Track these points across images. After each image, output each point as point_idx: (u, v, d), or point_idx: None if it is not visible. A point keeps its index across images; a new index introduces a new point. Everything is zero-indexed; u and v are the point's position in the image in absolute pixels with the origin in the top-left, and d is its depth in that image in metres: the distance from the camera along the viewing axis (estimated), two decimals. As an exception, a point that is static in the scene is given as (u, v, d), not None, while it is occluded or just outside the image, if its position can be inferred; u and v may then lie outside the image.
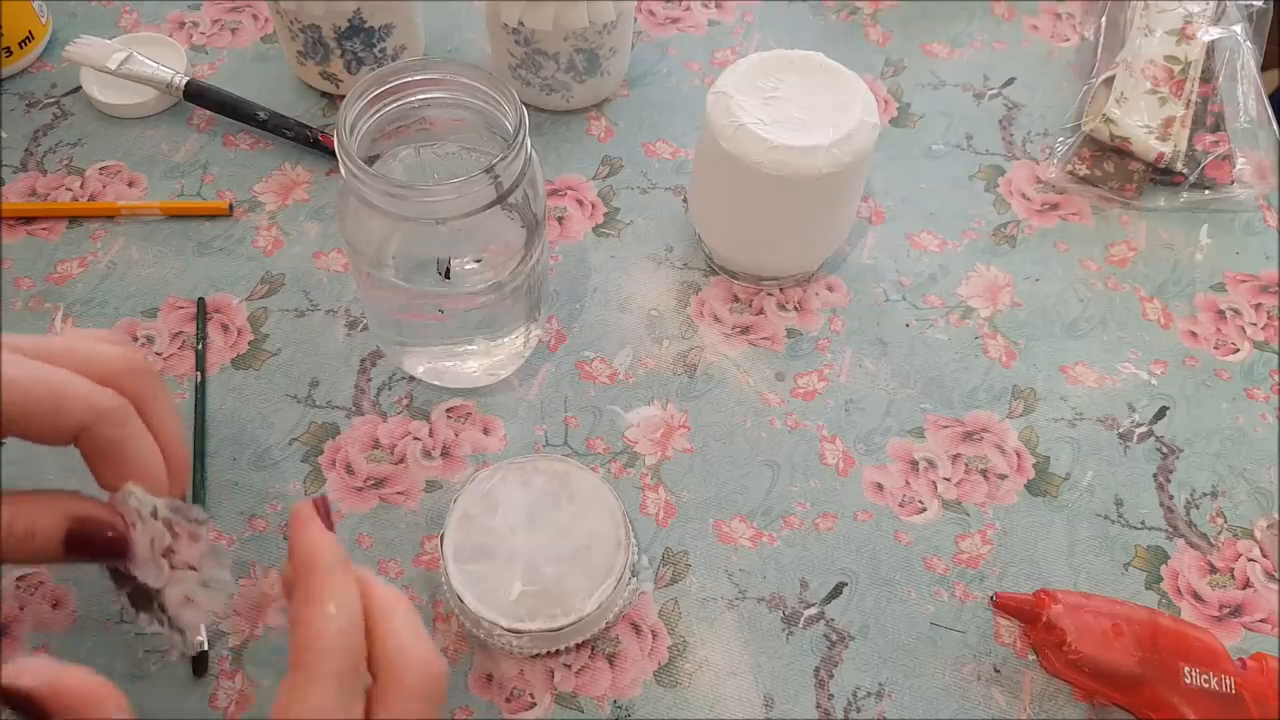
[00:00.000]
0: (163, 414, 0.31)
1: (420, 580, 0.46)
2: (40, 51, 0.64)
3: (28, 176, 0.58)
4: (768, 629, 0.46)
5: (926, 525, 0.49)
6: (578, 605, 0.41)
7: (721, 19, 0.69)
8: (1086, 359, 0.55)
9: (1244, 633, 0.47)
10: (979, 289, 0.57)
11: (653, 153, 0.62)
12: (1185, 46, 0.62)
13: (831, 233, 0.54)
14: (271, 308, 0.54)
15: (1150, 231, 0.60)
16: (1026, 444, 0.52)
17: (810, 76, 0.50)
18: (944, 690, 0.44)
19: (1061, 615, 0.42)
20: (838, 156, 0.47)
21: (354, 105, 0.41)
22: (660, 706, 0.43)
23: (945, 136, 0.64)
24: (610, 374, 0.53)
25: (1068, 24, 0.71)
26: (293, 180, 0.59)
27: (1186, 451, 0.52)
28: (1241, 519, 0.50)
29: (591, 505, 0.44)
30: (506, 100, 0.42)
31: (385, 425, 0.50)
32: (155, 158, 0.60)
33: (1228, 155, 0.60)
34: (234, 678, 0.43)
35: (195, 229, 0.57)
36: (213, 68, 0.64)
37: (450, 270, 0.44)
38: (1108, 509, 0.50)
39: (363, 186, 0.40)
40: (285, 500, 0.48)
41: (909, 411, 0.52)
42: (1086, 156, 0.61)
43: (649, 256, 0.58)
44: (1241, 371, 0.55)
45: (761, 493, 0.49)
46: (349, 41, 0.58)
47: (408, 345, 0.50)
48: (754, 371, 0.53)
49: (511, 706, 0.43)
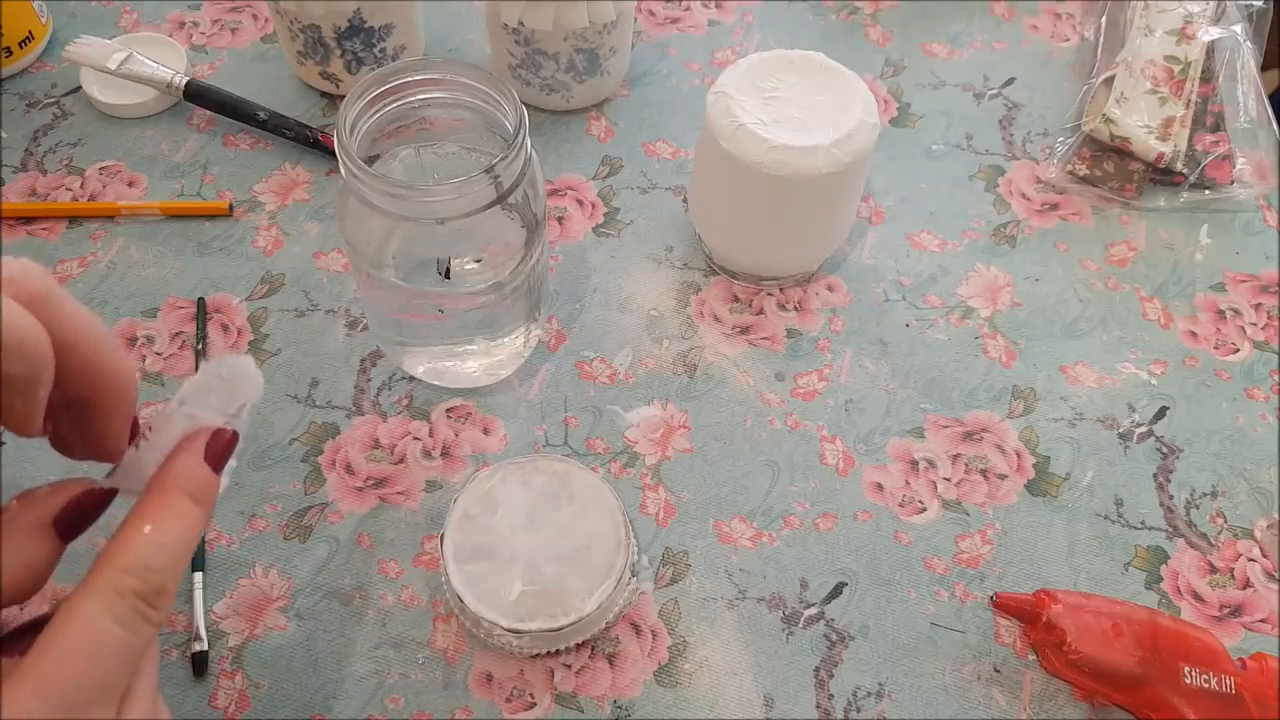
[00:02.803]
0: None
1: (420, 580, 0.46)
2: (40, 51, 0.64)
3: (28, 176, 0.58)
4: (768, 629, 0.46)
5: (926, 525, 0.49)
6: (578, 605, 0.41)
7: (721, 19, 0.69)
8: (1086, 359, 0.55)
9: (1244, 633, 0.47)
10: (979, 289, 0.57)
11: (653, 153, 0.62)
12: (1185, 46, 0.62)
13: (831, 233, 0.54)
14: (271, 308, 0.54)
15: (1150, 231, 0.60)
16: (1026, 444, 0.52)
17: (810, 76, 0.50)
18: (944, 690, 0.44)
19: (1061, 615, 0.42)
20: (838, 156, 0.47)
21: (354, 105, 0.41)
22: (660, 706, 0.43)
23: (945, 136, 0.64)
24: (610, 374, 0.53)
25: (1068, 24, 0.71)
26: (293, 180, 0.59)
27: (1186, 451, 0.52)
28: (1241, 519, 0.50)
29: (591, 505, 0.44)
30: (506, 100, 0.42)
31: (385, 425, 0.50)
32: (155, 158, 0.60)
33: (1228, 155, 0.60)
34: (234, 678, 0.43)
35: (195, 229, 0.57)
36: (213, 68, 0.65)
37: (450, 270, 0.44)
38: (1108, 509, 0.50)
39: (363, 186, 0.40)
40: (285, 500, 0.48)
41: (909, 411, 0.52)
42: (1086, 156, 0.61)
43: (649, 256, 0.58)
44: (1241, 371, 0.55)
45: (761, 493, 0.49)
46: (349, 41, 0.58)
47: (408, 345, 0.50)
48: (754, 371, 0.53)
49: (511, 706, 0.43)
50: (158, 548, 0.26)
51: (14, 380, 0.25)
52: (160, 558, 0.26)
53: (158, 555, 0.26)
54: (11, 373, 0.25)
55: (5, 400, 0.26)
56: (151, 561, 0.26)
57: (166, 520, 0.27)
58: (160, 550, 0.26)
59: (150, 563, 0.26)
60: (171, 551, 0.27)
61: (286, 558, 0.46)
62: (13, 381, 0.25)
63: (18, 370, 0.25)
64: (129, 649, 0.26)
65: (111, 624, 0.25)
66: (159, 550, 0.26)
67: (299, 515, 0.48)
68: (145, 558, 0.26)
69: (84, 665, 0.25)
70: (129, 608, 0.25)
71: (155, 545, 0.26)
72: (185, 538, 0.27)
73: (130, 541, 0.26)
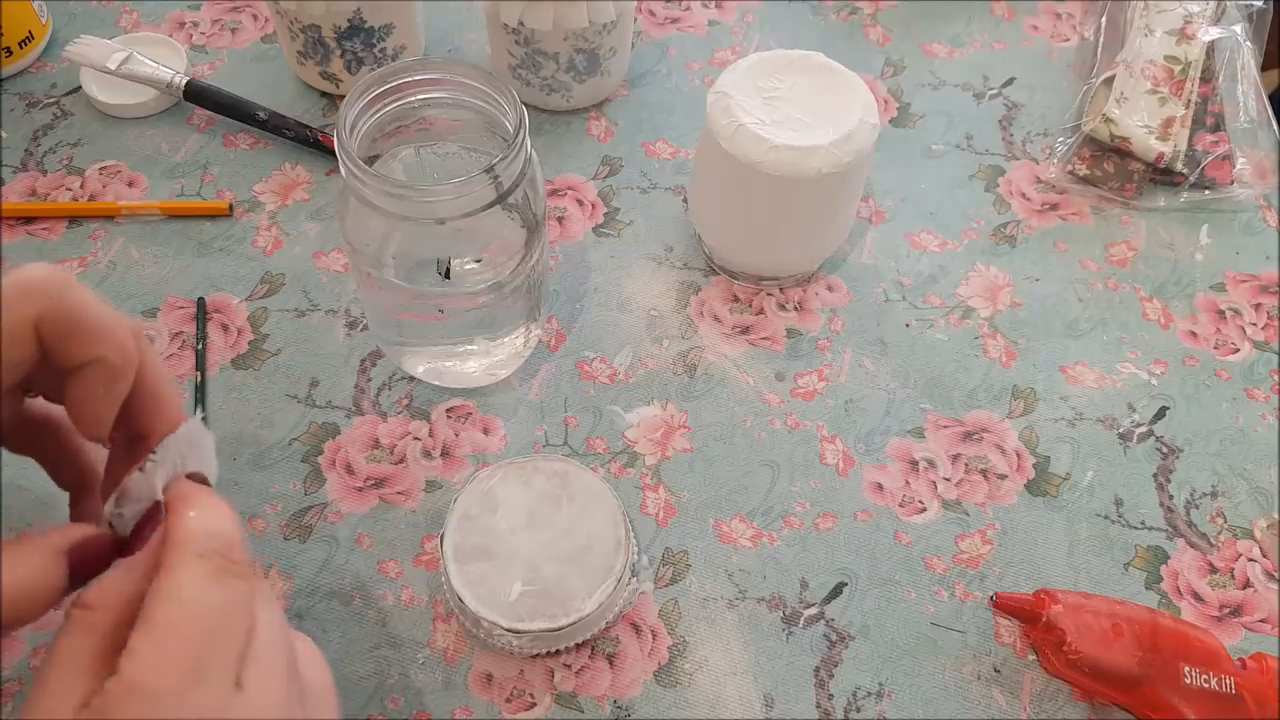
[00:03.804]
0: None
1: (420, 580, 0.46)
2: (40, 51, 0.64)
3: (28, 176, 0.58)
4: (768, 629, 0.46)
5: (926, 525, 0.49)
6: (578, 605, 0.41)
7: (721, 19, 0.69)
8: (1086, 359, 0.55)
9: (1244, 633, 0.47)
10: (979, 289, 0.57)
11: (653, 153, 0.62)
12: (1185, 46, 0.62)
13: (831, 233, 0.54)
14: (271, 308, 0.54)
15: (1150, 231, 0.60)
16: (1026, 444, 0.52)
17: (810, 76, 0.50)
18: (944, 690, 0.44)
19: (1061, 615, 0.42)
20: (838, 156, 0.47)
21: (354, 105, 0.41)
22: (660, 706, 0.43)
23: (945, 136, 0.64)
24: (610, 374, 0.53)
25: (1068, 24, 0.71)
26: (293, 180, 0.59)
27: (1186, 451, 0.52)
28: (1241, 519, 0.50)
29: (591, 505, 0.44)
30: (506, 100, 0.42)
31: (385, 425, 0.50)
32: (155, 158, 0.60)
33: (1228, 155, 0.60)
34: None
35: (195, 229, 0.57)
36: (213, 68, 0.65)
37: (450, 270, 0.44)
38: (1108, 509, 0.50)
39: (363, 186, 0.40)
40: (285, 500, 0.48)
41: (909, 411, 0.52)
42: (1086, 156, 0.61)
43: (649, 256, 0.58)
44: (1241, 371, 0.55)
45: (761, 493, 0.49)
46: (349, 41, 0.58)
47: (408, 345, 0.50)
48: (754, 371, 0.53)
49: (511, 706, 0.43)
50: (208, 517, 0.28)
51: (106, 369, 0.28)
52: (216, 521, 0.28)
53: (212, 520, 0.28)
54: (107, 358, 0.28)
55: (90, 390, 0.28)
56: (211, 526, 0.28)
57: (202, 497, 0.29)
58: (211, 515, 0.28)
59: (210, 527, 0.28)
60: (220, 513, 0.29)
61: (286, 558, 0.46)
62: (104, 370, 0.28)
63: (113, 359, 0.28)
64: (229, 606, 0.27)
65: (201, 584, 0.26)
66: (210, 516, 0.28)
67: (299, 515, 0.48)
68: (205, 524, 0.28)
69: (194, 630, 0.26)
70: (214, 566, 0.27)
71: (205, 516, 0.28)
72: (226, 509, 0.29)
73: (184, 522, 0.28)
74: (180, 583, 0.26)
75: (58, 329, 0.28)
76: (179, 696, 0.25)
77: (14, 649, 0.43)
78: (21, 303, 0.27)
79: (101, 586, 0.27)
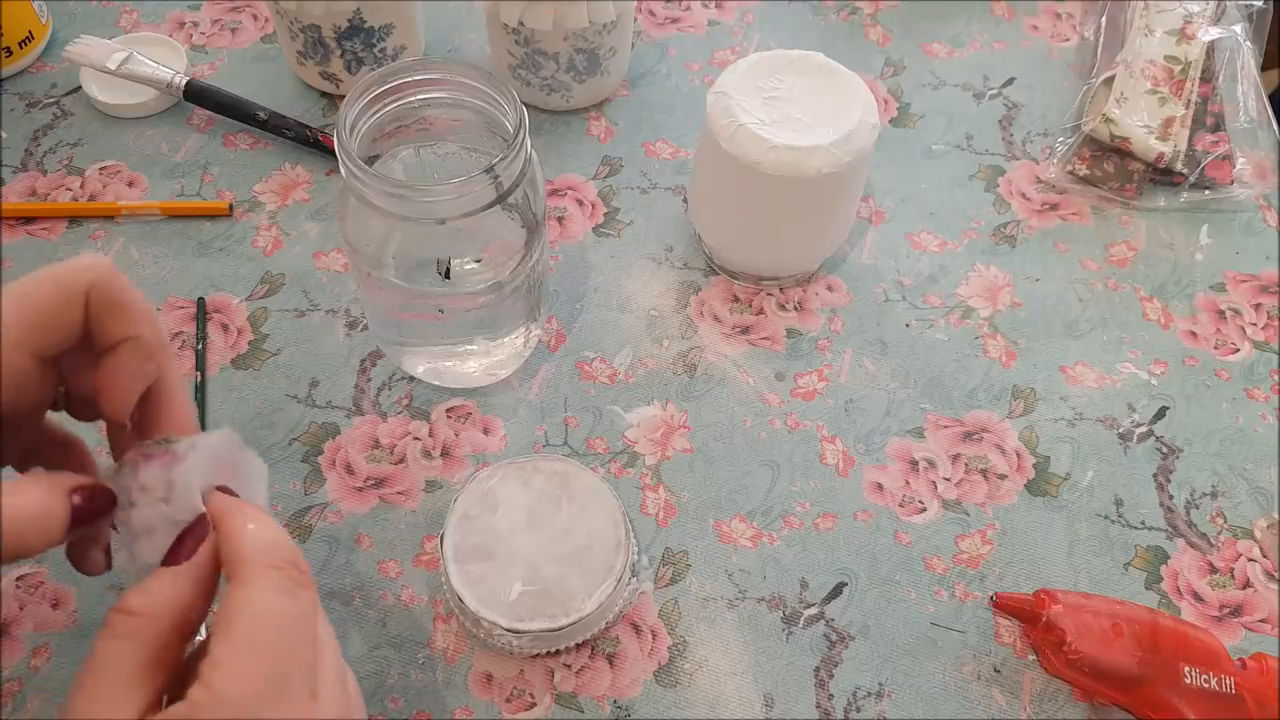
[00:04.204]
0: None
1: (420, 580, 0.46)
2: (40, 51, 0.64)
3: (27, 176, 0.58)
4: (768, 629, 0.46)
5: (926, 525, 0.49)
6: (578, 605, 0.41)
7: (721, 19, 0.69)
8: (1086, 359, 0.55)
9: (1244, 633, 0.47)
10: (979, 289, 0.57)
11: (653, 153, 0.62)
12: (1185, 46, 0.62)
13: (831, 233, 0.54)
14: (271, 308, 0.54)
15: (1150, 231, 0.60)
16: (1026, 444, 0.52)
17: (810, 76, 0.50)
18: (944, 690, 0.44)
19: (1061, 615, 0.42)
20: (838, 156, 0.47)
21: (354, 105, 0.41)
22: (660, 706, 0.43)
23: (945, 136, 0.64)
24: (610, 374, 0.53)
25: (1068, 24, 0.71)
26: (293, 180, 0.59)
27: (1186, 451, 0.52)
28: (1241, 519, 0.50)
29: (591, 505, 0.44)
30: (506, 100, 0.42)
31: (385, 425, 0.50)
32: (155, 158, 0.60)
33: (1228, 155, 0.60)
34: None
35: (195, 229, 0.57)
36: (213, 68, 0.65)
37: (450, 270, 0.44)
38: (1108, 509, 0.50)
39: (363, 186, 0.40)
40: (285, 500, 0.48)
41: (909, 411, 0.52)
42: (1086, 156, 0.61)
43: (649, 256, 0.58)
44: (1241, 371, 0.55)
45: (761, 493, 0.49)
46: (349, 41, 0.58)
47: (408, 345, 0.50)
48: (754, 371, 0.53)
49: (511, 706, 0.43)
50: (268, 528, 0.29)
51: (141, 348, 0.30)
52: (276, 534, 0.29)
53: (273, 533, 0.29)
54: (143, 336, 0.30)
55: (124, 366, 0.30)
56: (276, 538, 0.29)
57: (250, 510, 0.30)
58: (269, 527, 0.29)
59: (276, 539, 0.29)
60: (274, 525, 0.30)
61: (286, 558, 0.46)
62: (139, 349, 0.30)
63: (149, 337, 0.30)
64: (301, 617, 0.28)
65: (277, 597, 0.27)
66: (269, 528, 0.29)
67: (299, 515, 0.48)
68: (269, 537, 0.29)
69: (275, 641, 0.27)
70: (287, 578, 0.28)
71: (264, 528, 0.29)
72: (274, 521, 0.30)
73: (245, 536, 0.29)
74: (258, 595, 0.27)
75: (104, 303, 0.29)
76: (266, 706, 0.26)
77: (14, 649, 0.43)
78: (80, 271, 0.29)
79: (147, 593, 0.28)
